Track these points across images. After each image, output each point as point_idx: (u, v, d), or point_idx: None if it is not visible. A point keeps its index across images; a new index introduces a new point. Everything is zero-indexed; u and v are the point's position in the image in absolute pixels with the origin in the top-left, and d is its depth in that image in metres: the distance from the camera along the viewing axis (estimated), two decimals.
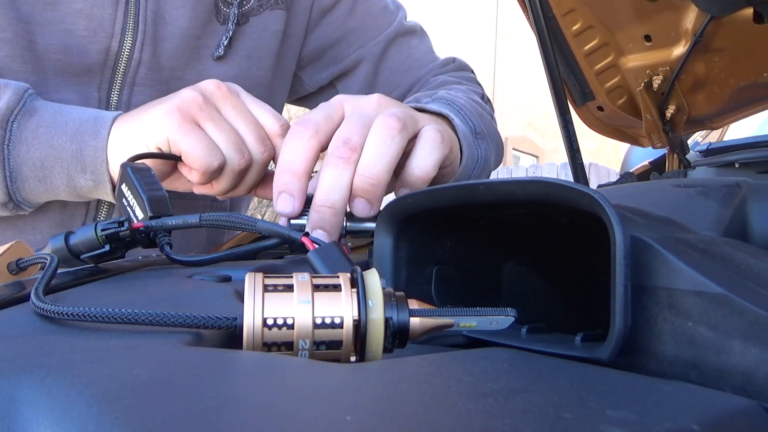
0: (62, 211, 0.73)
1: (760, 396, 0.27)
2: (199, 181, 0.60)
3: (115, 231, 0.46)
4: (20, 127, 0.62)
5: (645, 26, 0.98)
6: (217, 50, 0.80)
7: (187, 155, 0.57)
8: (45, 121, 0.62)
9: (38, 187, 0.63)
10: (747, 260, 0.34)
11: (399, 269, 0.45)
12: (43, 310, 0.32)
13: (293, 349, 0.30)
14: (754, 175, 0.92)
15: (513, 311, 0.33)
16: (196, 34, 0.78)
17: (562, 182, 0.34)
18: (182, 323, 0.30)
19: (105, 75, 0.74)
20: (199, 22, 0.78)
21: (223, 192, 0.62)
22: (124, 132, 0.61)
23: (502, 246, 0.48)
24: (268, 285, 0.31)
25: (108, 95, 0.75)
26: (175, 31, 0.77)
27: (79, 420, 0.20)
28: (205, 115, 0.59)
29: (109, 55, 0.74)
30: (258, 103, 0.63)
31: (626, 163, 1.55)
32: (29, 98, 0.63)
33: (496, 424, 0.21)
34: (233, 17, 0.80)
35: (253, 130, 0.61)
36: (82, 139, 0.61)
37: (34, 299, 0.33)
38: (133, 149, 0.59)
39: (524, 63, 11.95)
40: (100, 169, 0.62)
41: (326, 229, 0.53)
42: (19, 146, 0.61)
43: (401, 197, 0.44)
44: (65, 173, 0.62)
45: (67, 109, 0.64)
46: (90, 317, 0.31)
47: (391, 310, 0.31)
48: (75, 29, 0.72)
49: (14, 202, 0.64)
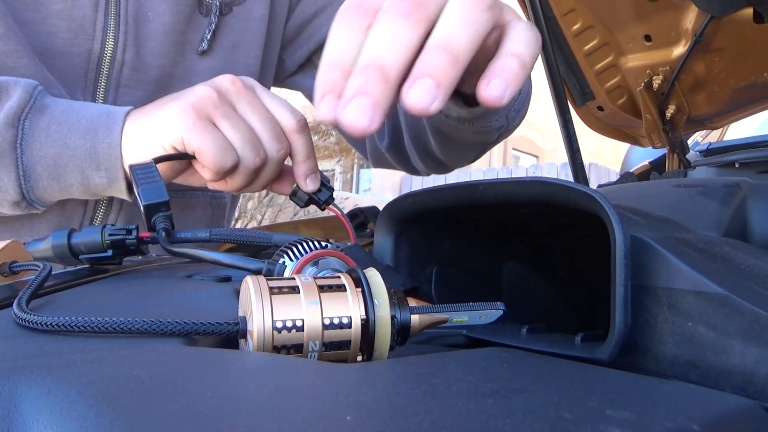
0: (60, 213, 0.73)
1: (760, 396, 0.27)
2: (212, 179, 0.60)
3: (122, 238, 0.46)
4: (32, 126, 0.61)
5: (645, 26, 0.98)
6: (201, 45, 0.79)
7: (200, 154, 0.57)
8: (57, 118, 0.62)
9: (52, 185, 0.62)
10: (747, 260, 0.34)
11: (399, 269, 0.45)
12: (24, 320, 0.31)
13: (303, 352, 0.30)
14: (754, 175, 0.92)
15: (501, 305, 0.34)
16: (179, 29, 0.77)
17: (562, 182, 0.34)
18: (179, 331, 0.30)
19: (89, 78, 0.73)
20: (183, 16, 0.77)
21: (237, 189, 0.62)
22: (137, 129, 0.61)
23: (502, 246, 0.48)
24: (273, 287, 0.30)
25: (93, 98, 0.74)
26: (158, 28, 0.75)
27: (79, 420, 0.20)
28: (219, 112, 0.58)
29: (92, 58, 0.73)
30: (274, 98, 0.62)
31: (626, 163, 1.55)
32: (39, 95, 0.63)
33: (496, 424, 0.21)
34: (215, 8, 0.79)
35: (269, 128, 0.60)
36: (96, 136, 0.61)
37: (15, 310, 0.32)
38: (147, 146, 0.59)
39: None
40: (114, 166, 0.61)
41: (370, 95, 0.35)
42: (32, 145, 0.61)
43: (401, 197, 0.44)
44: (79, 171, 0.62)
45: (78, 105, 0.63)
46: (75, 327, 0.30)
47: (394, 308, 0.31)
48: (56, 31, 0.71)
49: (27, 200, 0.63)
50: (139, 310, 0.36)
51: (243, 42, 0.83)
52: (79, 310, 0.36)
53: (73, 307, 0.36)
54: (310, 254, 0.39)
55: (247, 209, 5.91)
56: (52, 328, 0.30)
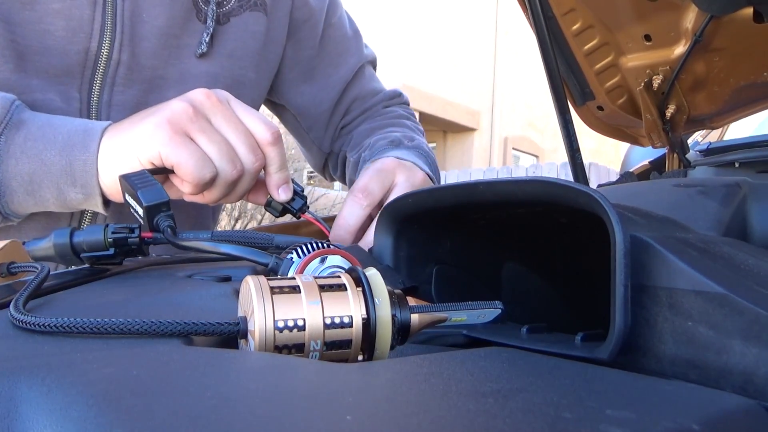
0: (48, 215, 0.73)
1: (760, 396, 0.27)
2: (191, 192, 0.61)
3: (125, 237, 0.46)
4: (8, 141, 0.61)
5: (645, 26, 0.98)
6: (199, 47, 0.80)
7: (178, 168, 0.58)
8: (33, 134, 0.62)
9: (27, 200, 0.63)
10: (747, 260, 0.34)
11: (399, 269, 0.45)
12: (21, 321, 0.30)
13: (304, 351, 0.30)
14: (754, 175, 0.92)
15: (499, 304, 0.34)
16: (174, 33, 0.78)
17: (562, 182, 0.34)
18: (179, 332, 0.30)
19: (85, 76, 0.74)
20: (178, 21, 0.78)
21: (215, 201, 0.63)
22: (114, 145, 0.61)
23: (502, 246, 0.48)
24: (274, 287, 0.30)
25: (89, 96, 0.75)
26: (152, 29, 0.77)
27: (79, 420, 0.20)
28: (195, 127, 0.59)
29: (89, 56, 0.73)
30: (248, 110, 0.63)
31: (626, 163, 1.55)
32: (16, 110, 0.63)
33: (496, 424, 0.21)
34: (212, 14, 0.81)
35: (245, 141, 0.61)
36: (72, 153, 0.61)
37: (12, 311, 0.32)
38: (124, 162, 0.59)
39: (524, 63, 11.95)
40: (90, 182, 0.61)
41: None
42: (8, 161, 0.61)
43: (401, 197, 0.45)
44: (55, 187, 0.62)
45: (56, 121, 0.64)
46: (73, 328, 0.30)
47: (395, 308, 0.31)
48: (54, 30, 0.71)
49: (2, 214, 0.64)
50: (139, 310, 0.36)
51: (238, 51, 0.85)
52: (78, 311, 0.36)
53: (72, 308, 0.36)
54: (316, 252, 0.40)
55: (247, 209, 5.91)
56: (49, 329, 0.30)
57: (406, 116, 1.03)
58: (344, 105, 1.00)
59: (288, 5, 0.91)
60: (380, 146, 0.86)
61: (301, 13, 0.93)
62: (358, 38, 1.03)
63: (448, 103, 10.78)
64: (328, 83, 0.98)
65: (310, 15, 0.94)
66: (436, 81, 10.78)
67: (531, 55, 1.74)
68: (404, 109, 1.05)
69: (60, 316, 0.30)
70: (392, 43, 9.89)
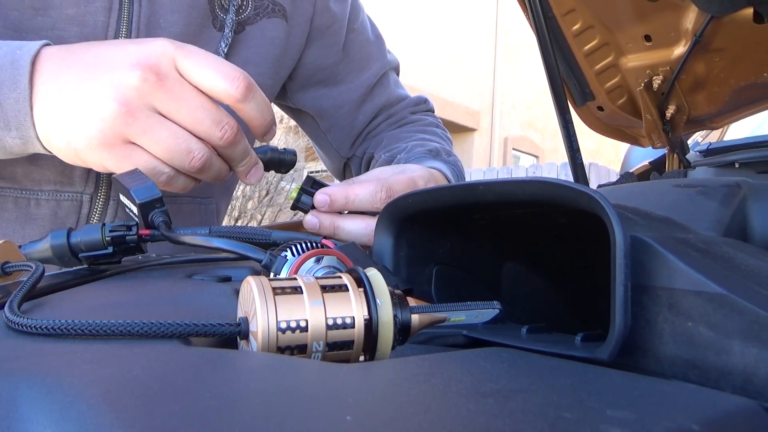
0: (53, 219, 0.73)
1: (760, 396, 0.27)
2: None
3: (123, 234, 0.46)
4: None
5: (645, 26, 0.98)
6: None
7: None
8: None
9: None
10: (747, 260, 0.34)
11: (399, 269, 0.45)
12: (16, 323, 0.30)
13: (306, 352, 0.30)
14: (754, 175, 0.92)
15: (498, 304, 0.34)
16: (191, 40, 0.77)
17: (562, 182, 0.34)
18: (179, 333, 0.30)
19: None
20: (195, 28, 0.78)
21: (186, 189, 0.59)
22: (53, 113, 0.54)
23: (502, 246, 0.48)
24: (276, 288, 0.30)
25: None
26: (169, 36, 0.75)
27: (79, 420, 0.20)
28: (133, 130, 0.53)
29: None
30: (203, 64, 0.54)
31: (626, 163, 1.55)
32: None
33: (496, 424, 0.21)
34: (231, 23, 0.79)
35: (203, 116, 0.54)
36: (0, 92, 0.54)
37: (7, 313, 0.31)
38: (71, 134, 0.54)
39: (524, 63, 11.95)
40: (24, 124, 0.54)
41: None
42: None
43: (401, 197, 0.44)
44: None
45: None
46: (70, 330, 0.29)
47: (396, 308, 0.31)
48: (67, 36, 0.70)
49: None
50: (138, 310, 0.36)
51: (254, 59, 0.84)
52: (76, 312, 0.35)
53: (70, 309, 0.36)
54: (310, 252, 0.40)
55: (247, 209, 5.91)
56: (45, 331, 0.29)
57: (436, 124, 1.02)
58: (370, 111, 0.99)
59: (309, 12, 0.90)
60: (418, 152, 0.85)
61: (323, 19, 0.92)
62: (381, 43, 1.02)
63: (448, 103, 10.77)
64: (351, 87, 0.97)
65: (333, 21, 0.93)
66: (436, 81, 10.77)
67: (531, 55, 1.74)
68: (432, 116, 1.04)
69: (57, 318, 0.30)
70: (392, 43, 9.85)
